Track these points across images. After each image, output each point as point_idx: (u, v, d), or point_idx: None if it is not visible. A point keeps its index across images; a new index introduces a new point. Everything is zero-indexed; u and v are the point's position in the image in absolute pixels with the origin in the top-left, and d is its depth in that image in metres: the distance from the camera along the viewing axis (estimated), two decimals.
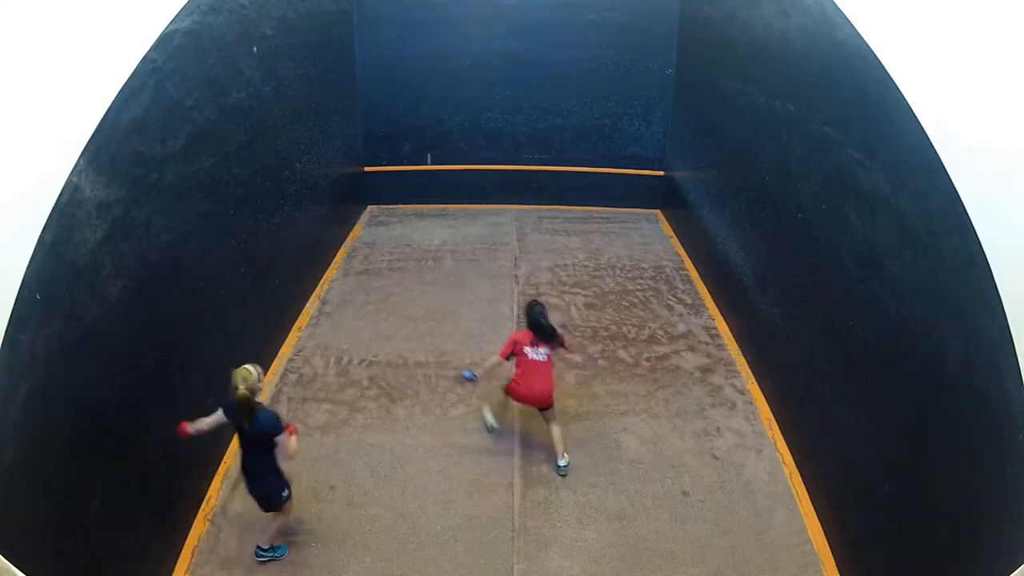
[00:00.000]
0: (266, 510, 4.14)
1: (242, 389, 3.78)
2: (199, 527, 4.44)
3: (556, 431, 4.96)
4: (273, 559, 4.23)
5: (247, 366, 3.88)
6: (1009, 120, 2.86)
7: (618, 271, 8.01)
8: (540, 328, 4.86)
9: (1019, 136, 2.79)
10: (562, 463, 4.92)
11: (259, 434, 3.88)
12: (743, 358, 6.28)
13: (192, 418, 3.98)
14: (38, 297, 2.90)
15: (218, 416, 3.98)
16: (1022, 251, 2.77)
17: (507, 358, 4.95)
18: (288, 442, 3.91)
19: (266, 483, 4.05)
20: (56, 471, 3.06)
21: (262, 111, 5.76)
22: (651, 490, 4.81)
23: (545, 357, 4.89)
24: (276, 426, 3.89)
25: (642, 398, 5.76)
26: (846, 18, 4.33)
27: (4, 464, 2.69)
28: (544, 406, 4.97)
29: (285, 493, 4.10)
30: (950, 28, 3.34)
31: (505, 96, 9.29)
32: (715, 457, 5.11)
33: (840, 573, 4.15)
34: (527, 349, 4.88)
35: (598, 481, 4.87)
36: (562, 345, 4.98)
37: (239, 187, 5.29)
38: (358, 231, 9.13)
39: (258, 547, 4.22)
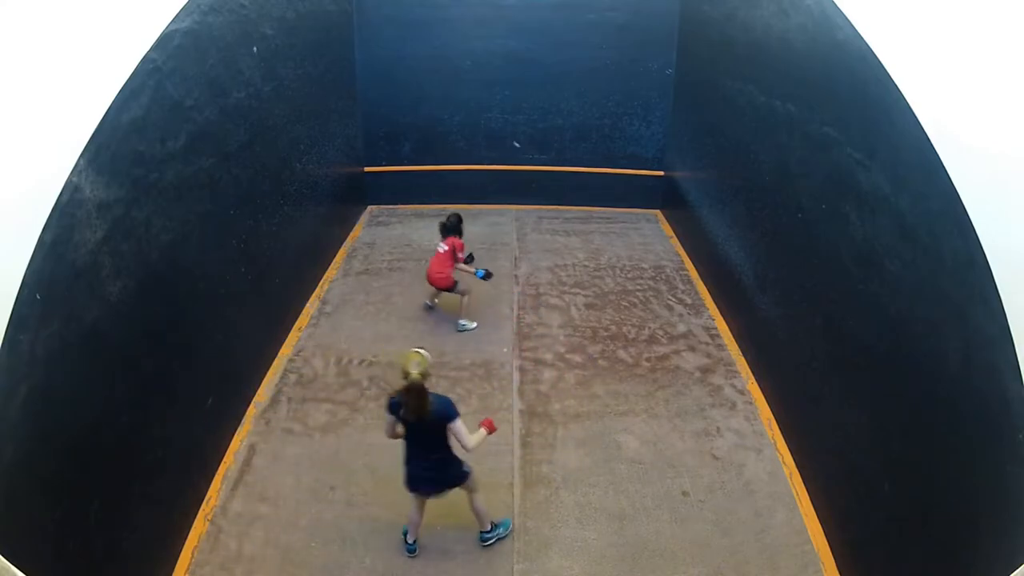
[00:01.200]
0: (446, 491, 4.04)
1: (415, 374, 3.52)
2: (199, 527, 4.44)
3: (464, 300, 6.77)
4: (500, 537, 4.28)
5: (417, 349, 3.64)
6: (1009, 120, 2.86)
7: (618, 271, 8.01)
8: (442, 227, 6.68)
9: (1019, 136, 2.79)
10: (462, 323, 6.74)
11: (437, 421, 3.67)
12: (743, 358, 6.28)
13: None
14: (38, 297, 2.90)
15: (390, 419, 3.80)
16: (1022, 251, 2.77)
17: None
18: (464, 432, 3.68)
19: (454, 471, 3.95)
20: (56, 471, 3.06)
21: (262, 111, 5.76)
22: (651, 490, 4.81)
23: (443, 249, 6.55)
24: (451, 410, 3.70)
25: (642, 398, 5.76)
26: (846, 18, 4.33)
27: (4, 464, 2.69)
28: (440, 287, 6.68)
29: (466, 467, 4.00)
30: (950, 28, 3.34)
31: (505, 96, 9.29)
32: (715, 457, 5.11)
33: (840, 573, 4.15)
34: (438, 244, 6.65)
35: (598, 481, 4.87)
36: (456, 249, 6.56)
37: (239, 187, 5.30)
38: (358, 231, 9.13)
39: (482, 534, 4.28)
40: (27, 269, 2.83)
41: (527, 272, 7.96)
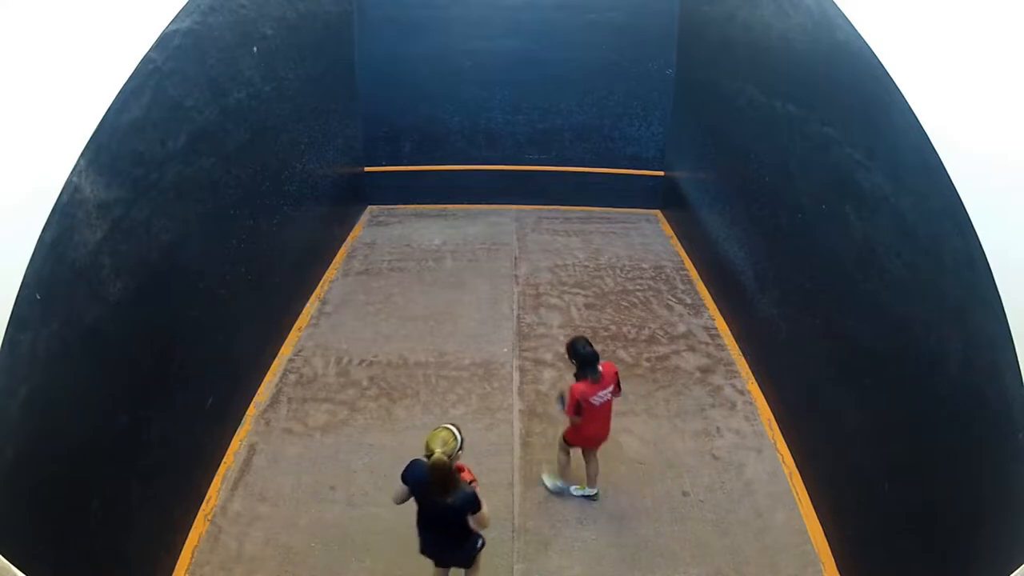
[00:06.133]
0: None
1: (439, 453, 3.26)
2: (199, 527, 4.44)
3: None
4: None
5: (448, 426, 3.41)
6: (1009, 120, 2.86)
7: (618, 271, 8.01)
8: (587, 356, 4.26)
9: (1019, 137, 2.79)
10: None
11: (458, 509, 3.47)
12: (743, 358, 6.28)
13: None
14: (38, 297, 2.90)
15: (402, 489, 3.55)
16: (1022, 251, 2.77)
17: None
18: (485, 515, 3.52)
19: (470, 544, 3.69)
20: (56, 471, 3.06)
21: (262, 111, 5.76)
22: (651, 490, 4.80)
23: (607, 395, 4.37)
24: (475, 504, 3.47)
25: (642, 398, 5.76)
26: (846, 18, 4.33)
27: (4, 464, 2.69)
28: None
29: (480, 541, 3.74)
30: (950, 29, 3.34)
31: (505, 96, 9.29)
32: (715, 457, 5.11)
33: (840, 573, 4.15)
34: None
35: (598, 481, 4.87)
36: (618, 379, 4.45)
37: (239, 187, 5.29)
38: (358, 231, 9.13)
39: None
40: (27, 269, 2.83)
41: (527, 272, 7.96)
